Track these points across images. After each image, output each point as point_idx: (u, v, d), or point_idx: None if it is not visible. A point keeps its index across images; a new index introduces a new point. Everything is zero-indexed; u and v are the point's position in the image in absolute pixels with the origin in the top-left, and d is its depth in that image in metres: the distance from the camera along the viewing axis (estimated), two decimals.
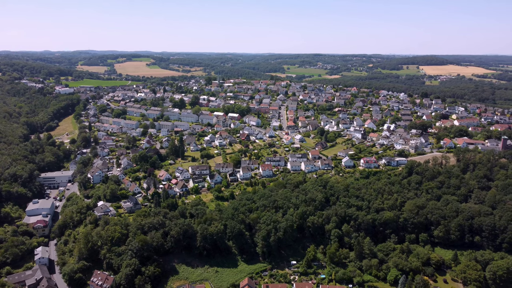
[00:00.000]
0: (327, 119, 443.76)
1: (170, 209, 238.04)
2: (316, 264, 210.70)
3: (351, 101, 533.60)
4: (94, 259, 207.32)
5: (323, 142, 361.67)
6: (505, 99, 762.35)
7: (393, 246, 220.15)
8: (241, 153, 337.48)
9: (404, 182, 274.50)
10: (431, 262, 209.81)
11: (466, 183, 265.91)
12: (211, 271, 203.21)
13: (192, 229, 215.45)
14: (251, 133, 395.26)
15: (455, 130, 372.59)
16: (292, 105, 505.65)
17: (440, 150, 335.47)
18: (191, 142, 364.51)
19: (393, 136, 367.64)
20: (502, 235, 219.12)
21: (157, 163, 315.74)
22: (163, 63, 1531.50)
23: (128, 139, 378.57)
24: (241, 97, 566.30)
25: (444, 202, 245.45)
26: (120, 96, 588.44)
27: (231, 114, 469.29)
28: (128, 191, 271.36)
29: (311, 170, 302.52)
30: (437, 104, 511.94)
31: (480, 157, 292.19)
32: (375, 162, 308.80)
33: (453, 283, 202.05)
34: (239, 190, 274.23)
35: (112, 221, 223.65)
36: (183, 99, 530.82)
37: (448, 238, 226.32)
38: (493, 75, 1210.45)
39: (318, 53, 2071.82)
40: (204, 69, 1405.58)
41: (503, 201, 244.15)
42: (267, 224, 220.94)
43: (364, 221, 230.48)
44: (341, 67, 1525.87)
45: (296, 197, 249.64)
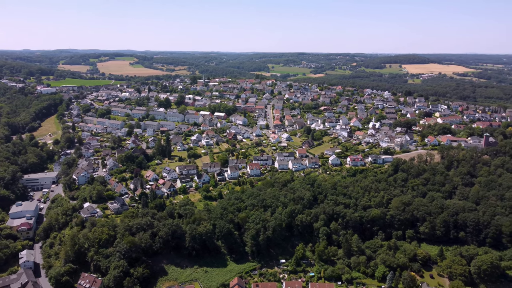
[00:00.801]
0: (313, 117, 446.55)
1: (158, 209, 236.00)
2: (305, 262, 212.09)
3: (337, 100, 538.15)
4: (81, 261, 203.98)
5: (310, 140, 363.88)
6: (485, 97, 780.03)
7: (381, 243, 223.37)
8: (229, 153, 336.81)
9: (390, 179, 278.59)
10: (417, 258, 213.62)
11: (450, 179, 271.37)
12: (200, 271, 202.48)
13: (180, 229, 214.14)
14: (238, 132, 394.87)
15: (438, 127, 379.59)
16: (278, 104, 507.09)
17: (424, 147, 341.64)
18: (177, 141, 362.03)
19: (378, 134, 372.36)
20: (486, 230, 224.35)
21: (144, 163, 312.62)
22: (147, 62, 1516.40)
23: (113, 139, 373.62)
24: (227, 96, 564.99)
25: (430, 199, 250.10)
26: (104, 95, 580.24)
27: (218, 113, 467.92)
28: (115, 192, 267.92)
29: (298, 169, 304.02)
30: (420, 102, 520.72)
31: (463, 154, 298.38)
32: (361, 160, 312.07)
33: (439, 278, 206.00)
34: (227, 189, 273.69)
35: (99, 222, 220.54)
36: (168, 99, 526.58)
37: (433, 234, 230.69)
38: (473, 74, 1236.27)
39: (302, 52, 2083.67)
40: (189, 68, 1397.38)
41: (486, 197, 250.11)
42: (256, 223, 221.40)
43: (351, 219, 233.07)
44: (325, 65, 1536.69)
45: (284, 195, 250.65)
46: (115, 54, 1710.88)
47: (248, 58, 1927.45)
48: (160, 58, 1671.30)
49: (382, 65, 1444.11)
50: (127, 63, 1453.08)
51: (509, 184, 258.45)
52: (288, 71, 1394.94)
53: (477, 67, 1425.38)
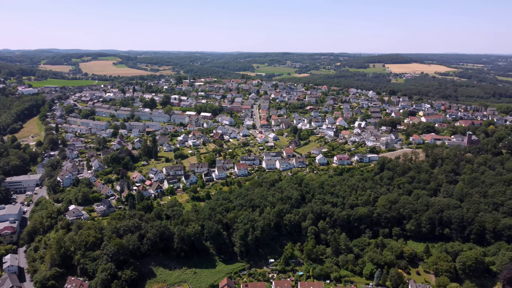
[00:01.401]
0: (300, 117, 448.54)
1: (145, 211, 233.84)
2: (293, 261, 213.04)
3: (322, 99, 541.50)
4: (68, 265, 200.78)
5: (297, 140, 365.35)
6: (466, 96, 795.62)
7: (368, 241, 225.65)
8: (216, 153, 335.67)
9: (377, 178, 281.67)
10: (404, 255, 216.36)
11: (435, 177, 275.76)
12: (189, 273, 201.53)
13: (168, 230, 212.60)
14: (224, 132, 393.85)
15: (422, 126, 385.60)
16: (264, 104, 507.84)
17: (409, 146, 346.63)
18: (164, 142, 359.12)
19: (364, 133, 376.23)
20: (470, 227, 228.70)
21: (130, 164, 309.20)
22: (131, 62, 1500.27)
23: (98, 141, 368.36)
24: (212, 96, 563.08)
25: (415, 197, 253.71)
26: (88, 96, 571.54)
27: (204, 114, 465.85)
28: (101, 194, 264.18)
29: (286, 168, 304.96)
30: (404, 102, 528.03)
31: (447, 152, 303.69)
32: (348, 159, 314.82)
33: (426, 274, 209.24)
34: (215, 190, 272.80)
35: (85, 225, 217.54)
36: (153, 99, 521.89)
37: (419, 231, 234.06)
38: (454, 73, 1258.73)
39: (287, 52, 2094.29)
40: (173, 68, 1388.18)
41: (470, 194, 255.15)
42: (244, 223, 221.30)
43: (339, 217, 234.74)
44: (310, 65, 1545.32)
45: (272, 195, 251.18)
46: (98, 54, 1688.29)
47: (233, 58, 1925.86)
48: (144, 58, 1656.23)
49: (366, 64, 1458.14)
50: (110, 63, 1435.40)
51: (491, 181, 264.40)
52: (273, 71, 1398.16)
53: (458, 67, 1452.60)
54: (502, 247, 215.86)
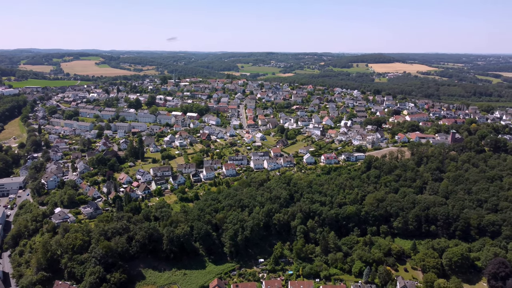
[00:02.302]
0: (286, 117, 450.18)
1: (133, 212, 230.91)
2: (283, 260, 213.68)
3: (308, 99, 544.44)
4: (55, 269, 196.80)
5: (284, 139, 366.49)
6: (448, 95, 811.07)
7: (356, 239, 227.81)
8: (203, 153, 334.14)
9: (364, 176, 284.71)
10: (392, 252, 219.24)
11: (420, 175, 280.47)
12: (179, 274, 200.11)
13: (157, 232, 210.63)
14: (211, 132, 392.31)
15: (407, 125, 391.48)
16: (250, 104, 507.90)
17: (395, 144, 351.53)
18: (150, 143, 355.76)
19: (350, 132, 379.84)
20: (455, 224, 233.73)
21: (116, 165, 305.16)
22: (113, 62, 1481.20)
23: (82, 142, 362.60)
24: (198, 96, 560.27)
25: (402, 195, 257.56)
26: (71, 96, 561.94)
27: (190, 114, 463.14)
28: (87, 196, 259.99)
29: (274, 168, 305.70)
30: (388, 101, 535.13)
31: (432, 150, 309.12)
32: (335, 158, 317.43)
33: (413, 271, 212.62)
34: (203, 190, 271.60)
35: (72, 228, 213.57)
36: (138, 99, 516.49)
37: (406, 228, 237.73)
38: (436, 72, 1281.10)
39: (271, 52, 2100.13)
40: (157, 68, 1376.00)
41: (455, 191, 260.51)
42: (234, 223, 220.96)
43: (328, 216, 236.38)
44: (294, 65, 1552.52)
45: (261, 195, 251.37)
46: (79, 53, 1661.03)
47: (217, 58, 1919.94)
48: (127, 58, 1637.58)
49: (349, 64, 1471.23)
50: (92, 63, 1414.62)
51: (475, 178, 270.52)
52: (257, 71, 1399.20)
53: (439, 66, 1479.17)
54: (487, 243, 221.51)
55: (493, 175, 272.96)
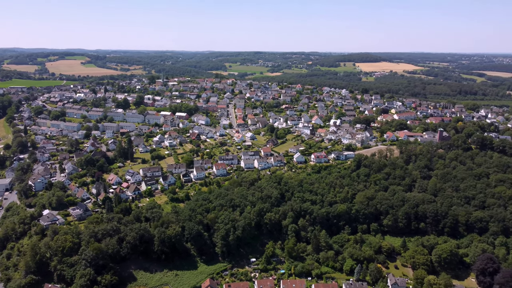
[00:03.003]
0: (276, 116, 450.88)
1: (123, 214, 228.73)
2: (275, 260, 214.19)
3: (297, 98, 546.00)
4: (44, 272, 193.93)
5: (274, 139, 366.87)
6: (434, 94, 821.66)
7: (347, 237, 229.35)
8: (193, 153, 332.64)
9: (354, 175, 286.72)
10: (382, 250, 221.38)
11: (409, 173, 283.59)
12: (170, 275, 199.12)
13: (148, 233, 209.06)
14: (201, 132, 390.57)
15: (396, 123, 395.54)
16: (240, 103, 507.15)
17: (384, 143, 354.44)
18: (139, 143, 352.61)
19: (340, 131, 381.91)
20: (444, 221, 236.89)
21: (105, 166, 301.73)
22: (100, 61, 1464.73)
23: (70, 142, 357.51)
24: (187, 96, 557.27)
25: (391, 192, 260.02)
26: (57, 96, 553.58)
27: (179, 114, 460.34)
28: (76, 197, 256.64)
29: (264, 167, 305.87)
30: (376, 100, 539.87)
31: (420, 148, 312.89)
32: (325, 157, 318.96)
33: (403, 268, 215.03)
34: (194, 190, 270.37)
35: (61, 230, 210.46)
36: (126, 99, 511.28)
37: (396, 226, 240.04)
38: (422, 71, 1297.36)
39: (259, 51, 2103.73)
40: (144, 67, 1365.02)
41: (443, 189, 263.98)
42: (225, 223, 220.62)
43: (319, 215, 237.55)
44: (282, 64, 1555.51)
45: (252, 194, 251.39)
46: (64, 53, 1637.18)
47: (205, 57, 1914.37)
48: (114, 57, 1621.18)
49: (337, 63, 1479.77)
50: (78, 63, 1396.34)
51: (463, 176, 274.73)
52: (245, 70, 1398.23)
53: (425, 65, 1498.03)
54: (474, 239, 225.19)
55: (480, 173, 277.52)
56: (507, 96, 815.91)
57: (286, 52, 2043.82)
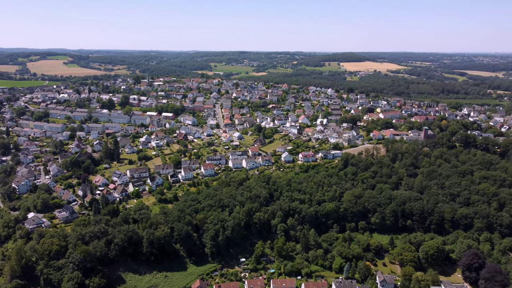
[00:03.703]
0: (263, 115, 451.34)
1: (111, 215, 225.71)
2: (264, 259, 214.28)
3: (283, 98, 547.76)
4: (30, 276, 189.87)
5: (262, 138, 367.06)
6: (418, 93, 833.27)
7: (336, 236, 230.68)
8: (181, 153, 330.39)
9: (341, 173, 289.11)
10: (370, 248, 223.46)
11: (396, 171, 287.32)
12: (160, 277, 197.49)
13: (137, 235, 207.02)
14: (188, 132, 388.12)
15: (381, 122, 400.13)
16: (226, 103, 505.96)
17: (370, 142, 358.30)
18: (125, 144, 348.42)
19: (327, 130, 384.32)
20: (430, 218, 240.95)
21: (91, 168, 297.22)
22: (83, 61, 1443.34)
23: (54, 144, 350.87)
24: (173, 96, 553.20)
25: (378, 191, 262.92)
26: (40, 97, 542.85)
27: (165, 114, 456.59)
28: (62, 199, 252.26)
29: (252, 167, 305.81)
30: (362, 99, 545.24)
31: (406, 147, 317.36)
32: (312, 156, 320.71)
33: (391, 265, 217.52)
34: (182, 191, 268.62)
35: (47, 233, 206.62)
36: (111, 99, 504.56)
37: (384, 224, 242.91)
38: (405, 71, 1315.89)
39: (244, 51, 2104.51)
40: (128, 67, 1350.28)
41: (429, 186, 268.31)
42: (214, 223, 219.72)
43: (307, 214, 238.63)
44: (267, 64, 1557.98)
45: (241, 194, 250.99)
46: (46, 53, 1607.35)
47: (190, 57, 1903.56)
48: (97, 57, 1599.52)
49: (322, 63, 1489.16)
50: (60, 63, 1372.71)
51: (448, 173, 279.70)
52: (231, 70, 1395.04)
53: (407, 65, 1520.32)
54: (460, 235, 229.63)
55: (464, 170, 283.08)
56: (488, 95, 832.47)
57: (271, 51, 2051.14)
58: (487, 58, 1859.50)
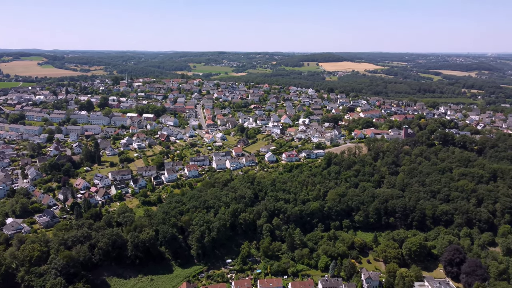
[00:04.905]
0: (245, 116, 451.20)
1: (94, 219, 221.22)
2: (251, 260, 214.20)
3: (265, 98, 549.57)
4: (10, 284, 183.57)
5: (245, 139, 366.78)
6: (395, 92, 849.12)
7: (321, 234, 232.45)
8: (163, 155, 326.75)
9: (325, 173, 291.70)
10: (355, 245, 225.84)
11: (378, 170, 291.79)
12: (145, 280, 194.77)
13: (121, 238, 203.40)
14: (170, 133, 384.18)
15: (362, 122, 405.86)
16: (208, 104, 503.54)
17: (352, 141, 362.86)
18: (106, 146, 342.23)
19: (309, 130, 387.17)
20: (412, 215, 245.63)
21: (72, 171, 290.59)
22: (58, 62, 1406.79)
23: (32, 147, 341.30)
24: (154, 96, 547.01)
25: (362, 189, 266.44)
26: (15, 99, 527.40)
27: (146, 115, 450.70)
28: (42, 204, 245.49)
29: (236, 168, 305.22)
30: (342, 98, 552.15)
31: (387, 145, 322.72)
32: (296, 155, 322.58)
33: (376, 262, 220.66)
34: (166, 193, 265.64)
35: (28, 239, 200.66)
36: (90, 101, 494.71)
37: (367, 221, 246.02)
38: (382, 71, 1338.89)
39: (223, 51, 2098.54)
40: (105, 68, 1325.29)
41: (410, 184, 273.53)
42: (200, 225, 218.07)
43: (292, 213, 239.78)
44: (247, 64, 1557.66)
45: (225, 195, 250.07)
46: (19, 53, 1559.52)
47: (168, 58, 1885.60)
48: (73, 58, 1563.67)
49: (301, 63, 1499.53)
50: (35, 63, 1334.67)
51: (428, 171, 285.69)
52: (210, 70, 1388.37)
53: (384, 65, 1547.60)
54: (441, 231, 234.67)
55: (444, 167, 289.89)
56: (462, 94, 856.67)
57: (250, 52, 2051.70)
58: (460, 58, 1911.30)
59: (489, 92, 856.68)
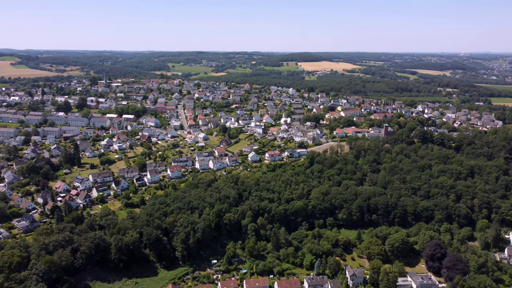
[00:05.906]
0: (226, 116, 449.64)
1: (75, 223, 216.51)
2: (236, 260, 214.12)
3: (246, 98, 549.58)
4: None
5: (227, 139, 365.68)
6: (374, 91, 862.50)
7: (305, 233, 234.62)
8: (145, 156, 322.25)
9: (308, 171, 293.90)
10: (339, 243, 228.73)
11: (360, 168, 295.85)
12: (130, 284, 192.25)
13: (104, 241, 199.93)
14: (151, 134, 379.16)
15: (343, 120, 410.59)
16: (189, 104, 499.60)
17: (334, 139, 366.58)
18: (86, 148, 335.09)
19: (291, 129, 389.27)
20: (394, 211, 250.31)
21: (50, 173, 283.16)
22: (32, 62, 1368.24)
23: (7, 150, 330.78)
24: (133, 97, 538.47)
25: (344, 187, 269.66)
26: None
27: (126, 116, 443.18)
28: (20, 208, 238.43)
29: (219, 168, 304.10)
30: (322, 98, 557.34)
31: (368, 144, 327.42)
32: (279, 155, 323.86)
33: (360, 259, 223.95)
34: (149, 194, 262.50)
35: (7, 244, 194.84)
36: (68, 102, 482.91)
37: (351, 219, 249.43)
38: (360, 70, 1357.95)
39: (202, 51, 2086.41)
40: (82, 68, 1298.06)
41: (392, 181, 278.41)
42: (184, 226, 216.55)
43: (277, 213, 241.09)
44: (226, 64, 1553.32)
45: (210, 196, 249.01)
46: None
47: (146, 57, 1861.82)
48: (47, 58, 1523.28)
49: (280, 63, 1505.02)
50: (7, 64, 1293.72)
51: (408, 168, 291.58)
52: (189, 70, 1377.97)
53: (362, 64, 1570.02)
54: (422, 227, 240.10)
55: (423, 165, 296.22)
56: (438, 92, 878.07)
57: (229, 52, 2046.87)
58: (435, 57, 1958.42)
59: (464, 90, 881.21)
